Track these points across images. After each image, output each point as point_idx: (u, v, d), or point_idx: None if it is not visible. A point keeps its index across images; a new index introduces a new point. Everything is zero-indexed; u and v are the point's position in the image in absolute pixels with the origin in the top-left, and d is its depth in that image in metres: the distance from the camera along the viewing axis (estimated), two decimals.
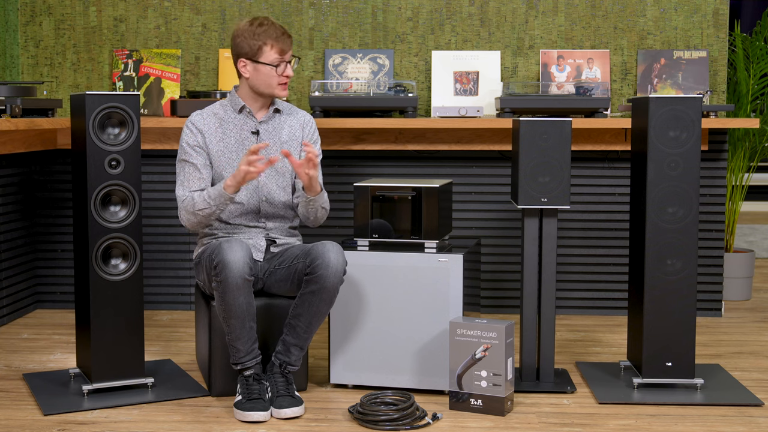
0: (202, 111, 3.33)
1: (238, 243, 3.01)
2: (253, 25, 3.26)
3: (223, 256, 2.97)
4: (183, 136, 3.29)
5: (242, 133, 3.30)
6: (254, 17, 3.30)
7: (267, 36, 3.24)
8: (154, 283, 4.55)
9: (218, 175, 3.27)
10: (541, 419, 3.01)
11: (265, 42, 3.24)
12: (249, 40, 3.24)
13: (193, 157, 3.25)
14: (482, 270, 4.45)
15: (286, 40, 3.27)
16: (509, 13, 4.45)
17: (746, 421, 2.99)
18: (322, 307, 3.08)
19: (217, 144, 3.27)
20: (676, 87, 4.38)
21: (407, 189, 3.27)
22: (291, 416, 3.00)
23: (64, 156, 4.54)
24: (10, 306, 4.30)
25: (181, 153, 3.27)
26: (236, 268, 2.96)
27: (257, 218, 3.30)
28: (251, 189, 3.28)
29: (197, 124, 3.28)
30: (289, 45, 3.28)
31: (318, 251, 3.06)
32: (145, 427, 2.93)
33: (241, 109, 3.31)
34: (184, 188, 3.24)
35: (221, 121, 3.30)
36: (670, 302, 3.20)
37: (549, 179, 3.22)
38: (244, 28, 3.27)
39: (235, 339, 3.06)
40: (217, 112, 3.33)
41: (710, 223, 4.42)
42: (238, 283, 2.98)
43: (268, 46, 3.24)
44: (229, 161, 3.26)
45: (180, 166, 3.27)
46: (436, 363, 3.22)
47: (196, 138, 3.26)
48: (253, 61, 3.25)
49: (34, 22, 4.56)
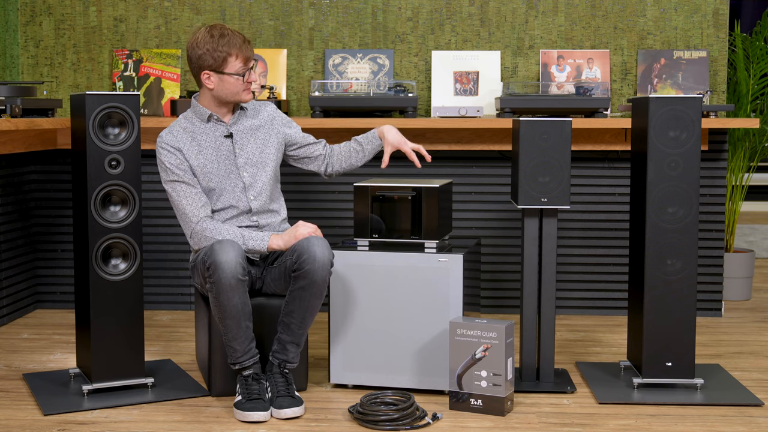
0: (170, 129, 3.26)
1: (230, 243, 3.01)
2: (213, 36, 3.18)
3: (215, 257, 2.97)
4: (161, 157, 3.21)
5: (216, 140, 3.27)
6: (210, 26, 3.22)
7: (231, 46, 3.19)
8: (154, 283, 4.55)
9: (205, 189, 3.23)
10: (541, 419, 3.01)
11: (230, 53, 3.18)
12: (213, 53, 3.18)
13: (181, 176, 3.20)
14: (482, 270, 4.45)
15: (248, 47, 3.23)
16: (509, 13, 4.45)
17: (746, 421, 2.99)
18: (314, 302, 3.09)
19: (195, 158, 3.23)
20: (676, 87, 4.38)
21: (407, 189, 3.27)
22: (291, 416, 3.00)
23: (64, 156, 4.54)
24: (10, 306, 4.30)
25: (167, 174, 3.21)
26: (229, 269, 2.96)
27: (249, 217, 3.29)
28: (239, 190, 3.27)
29: (171, 144, 3.22)
30: (251, 51, 3.25)
31: (303, 247, 3.06)
32: (145, 427, 2.93)
33: (209, 118, 3.27)
34: (191, 205, 3.18)
35: (192, 134, 3.26)
36: (670, 302, 3.20)
37: (549, 179, 3.22)
38: (204, 40, 3.19)
39: (232, 339, 3.06)
40: (185, 126, 3.27)
41: (710, 223, 4.42)
42: (231, 284, 2.98)
43: (233, 57, 3.19)
44: (211, 171, 3.23)
45: (171, 186, 3.21)
46: (436, 363, 3.22)
47: (176, 156, 3.21)
48: (218, 72, 3.20)
49: (34, 22, 4.56)
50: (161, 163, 3.23)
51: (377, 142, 3.44)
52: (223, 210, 3.26)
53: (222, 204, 3.26)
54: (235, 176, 3.26)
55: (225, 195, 3.26)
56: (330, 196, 4.49)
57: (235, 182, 3.26)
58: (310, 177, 4.47)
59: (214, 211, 3.26)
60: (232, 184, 3.26)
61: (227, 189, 3.25)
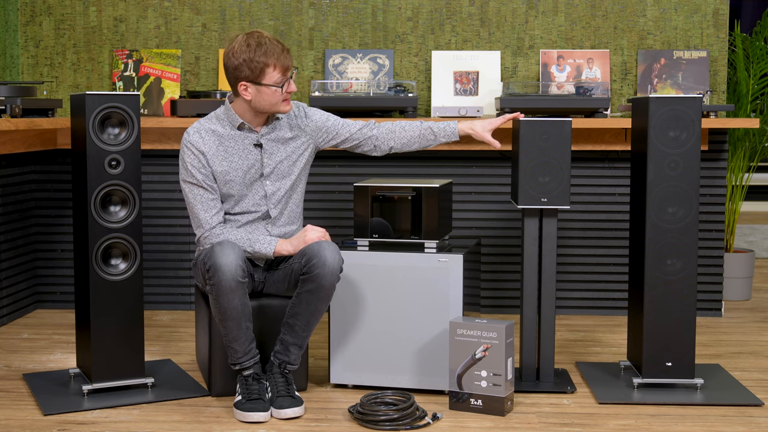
0: (198, 129, 3.17)
1: (230, 245, 2.99)
2: (250, 45, 3.05)
3: (215, 259, 2.96)
4: (184, 156, 3.15)
5: (245, 149, 3.19)
6: (247, 34, 3.09)
7: (269, 56, 3.05)
8: (154, 283, 4.55)
9: (224, 195, 3.18)
10: (541, 419, 3.01)
11: (267, 63, 3.05)
12: (249, 63, 3.04)
13: (200, 180, 3.13)
14: (482, 270, 4.45)
15: (287, 56, 3.08)
16: (509, 13, 4.45)
17: (746, 421, 2.99)
18: (320, 306, 3.08)
19: (220, 164, 3.15)
20: (676, 87, 4.38)
21: (407, 189, 3.27)
22: (291, 416, 3.00)
23: (64, 156, 4.54)
24: (10, 306, 4.29)
25: (186, 175, 3.15)
26: (228, 271, 2.95)
27: (265, 225, 3.25)
28: (259, 197, 3.21)
29: (197, 146, 3.14)
30: (290, 60, 3.10)
31: (313, 251, 3.04)
32: (145, 427, 2.93)
33: (240, 126, 3.18)
34: (206, 212, 3.15)
35: (221, 139, 3.17)
36: (670, 302, 3.20)
37: (549, 179, 3.22)
38: (240, 50, 3.06)
39: (232, 340, 3.06)
40: (215, 128, 3.18)
41: (710, 223, 4.42)
42: (231, 286, 2.97)
43: (271, 67, 3.06)
44: (234, 179, 3.17)
45: (188, 187, 3.16)
46: (436, 363, 3.22)
47: (198, 159, 3.14)
48: (256, 84, 3.08)
49: (34, 22, 4.56)
50: (182, 161, 3.16)
51: (454, 138, 3.36)
52: (240, 214, 3.21)
53: (240, 209, 3.21)
54: (258, 185, 3.20)
55: (244, 201, 3.21)
56: (330, 196, 4.49)
57: (257, 190, 3.20)
58: (310, 177, 4.46)
59: (230, 214, 3.21)
60: (253, 191, 3.20)
61: (247, 196, 3.20)
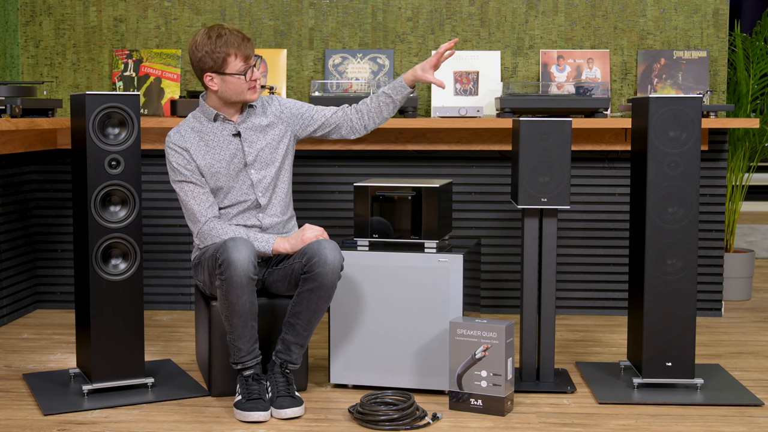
0: (178, 128, 3.28)
1: (243, 242, 3.01)
2: (211, 37, 3.18)
3: (228, 254, 2.97)
4: (169, 158, 3.24)
5: (224, 139, 3.26)
6: (209, 27, 3.22)
7: (229, 46, 3.17)
8: (154, 283, 4.55)
9: (213, 189, 3.25)
10: (541, 419, 3.01)
11: (228, 53, 3.17)
12: (212, 54, 3.16)
13: (188, 176, 3.21)
14: (482, 270, 4.45)
15: (247, 45, 3.21)
16: (509, 13, 4.45)
17: (746, 421, 2.99)
18: (321, 305, 3.09)
19: (203, 158, 3.23)
20: (676, 87, 4.38)
21: (407, 189, 3.27)
22: (291, 416, 3.00)
23: (64, 156, 4.54)
24: (10, 306, 4.30)
25: (175, 174, 3.23)
26: (241, 267, 2.96)
27: (256, 214, 3.29)
28: (246, 187, 3.26)
29: (179, 144, 3.23)
30: (252, 49, 3.23)
31: (314, 250, 3.06)
32: (145, 427, 2.93)
33: (216, 117, 3.27)
34: (199, 205, 3.21)
35: (200, 134, 3.26)
36: (670, 302, 3.20)
37: (549, 179, 3.22)
38: (202, 42, 3.19)
39: (237, 338, 3.06)
40: (193, 125, 3.28)
41: (710, 223, 4.42)
42: (242, 282, 2.98)
43: (232, 56, 3.18)
44: (219, 170, 3.24)
45: (179, 186, 3.23)
46: (436, 363, 3.22)
47: (183, 157, 3.22)
48: (220, 74, 3.19)
49: (34, 22, 4.56)
50: (169, 163, 3.24)
51: (407, 90, 3.37)
52: (230, 206, 3.26)
53: (229, 201, 3.26)
54: (244, 175, 3.26)
55: (233, 193, 3.26)
56: (330, 196, 4.49)
57: (243, 180, 3.26)
58: (310, 177, 4.47)
59: (221, 209, 3.26)
60: (240, 182, 3.26)
61: (235, 187, 3.26)
